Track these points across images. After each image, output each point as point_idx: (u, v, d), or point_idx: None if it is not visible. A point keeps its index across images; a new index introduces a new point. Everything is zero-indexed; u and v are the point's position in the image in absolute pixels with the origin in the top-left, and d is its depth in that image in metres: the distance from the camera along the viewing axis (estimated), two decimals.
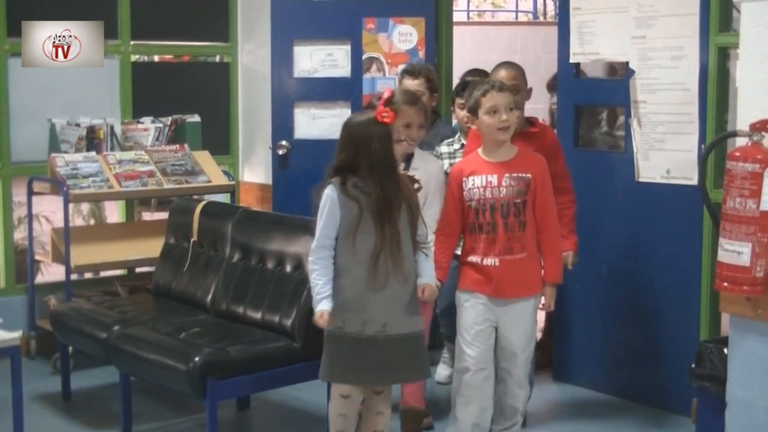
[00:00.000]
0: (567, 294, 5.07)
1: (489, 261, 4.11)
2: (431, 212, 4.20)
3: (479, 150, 4.21)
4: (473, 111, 4.14)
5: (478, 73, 5.41)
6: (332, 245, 3.79)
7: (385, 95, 4.20)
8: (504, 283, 4.11)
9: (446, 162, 4.80)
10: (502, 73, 4.56)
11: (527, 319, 4.18)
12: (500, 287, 4.11)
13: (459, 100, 5.05)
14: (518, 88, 4.52)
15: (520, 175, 4.11)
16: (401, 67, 5.29)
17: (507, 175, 4.10)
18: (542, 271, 4.23)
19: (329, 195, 3.76)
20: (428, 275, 3.91)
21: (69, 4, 5.96)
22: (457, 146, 4.91)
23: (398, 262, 3.73)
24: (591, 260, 4.97)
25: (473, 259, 4.15)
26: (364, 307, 3.74)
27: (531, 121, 4.66)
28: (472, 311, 4.15)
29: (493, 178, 4.10)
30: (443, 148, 4.92)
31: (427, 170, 4.29)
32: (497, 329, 4.16)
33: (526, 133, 4.50)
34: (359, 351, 3.74)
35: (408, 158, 4.24)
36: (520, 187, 4.10)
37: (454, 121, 5.47)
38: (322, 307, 3.76)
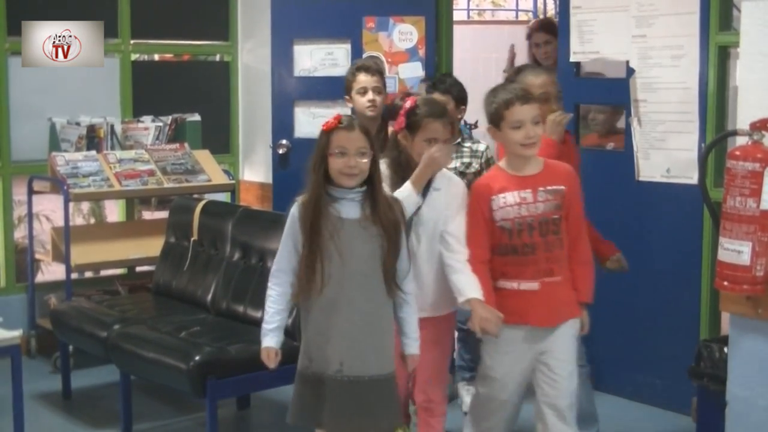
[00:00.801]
0: None
1: (527, 285, 3.61)
2: (455, 224, 3.69)
3: (502, 164, 3.75)
4: (494, 122, 3.66)
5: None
6: (291, 269, 3.37)
7: (407, 105, 3.72)
8: (546, 309, 3.63)
9: None
10: (530, 79, 4.20)
11: (571, 346, 3.73)
12: (543, 314, 3.63)
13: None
14: (547, 96, 4.16)
15: (555, 187, 3.64)
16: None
17: (541, 188, 3.63)
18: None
19: (291, 212, 3.36)
20: (412, 339, 3.45)
21: (69, 3, 5.96)
22: None
23: (350, 278, 3.27)
24: None
25: (506, 284, 3.64)
26: (325, 342, 3.30)
27: None
28: (509, 348, 3.63)
29: (527, 194, 3.61)
30: None
31: (449, 191, 3.75)
32: (538, 361, 3.67)
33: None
34: (320, 392, 3.32)
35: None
36: (557, 200, 3.63)
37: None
38: (268, 343, 3.41)
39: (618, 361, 5.14)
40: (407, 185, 3.65)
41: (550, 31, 5.91)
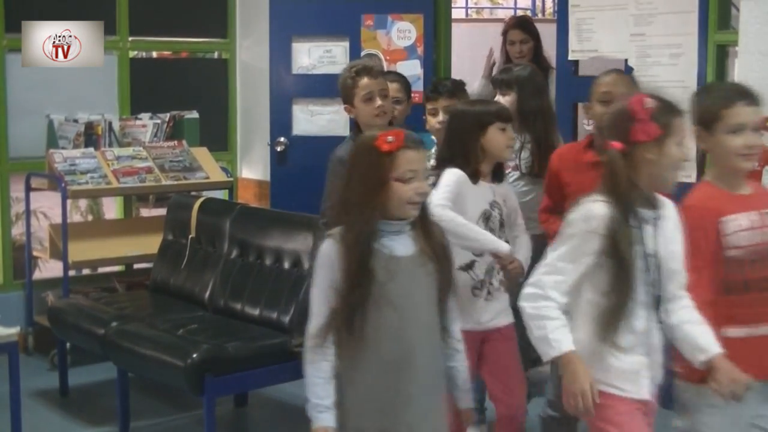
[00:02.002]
0: None
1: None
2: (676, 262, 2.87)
3: (711, 179, 3.05)
4: (706, 124, 2.98)
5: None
6: (335, 324, 2.73)
7: (650, 104, 2.79)
8: None
9: None
10: (600, 77, 3.75)
11: None
12: None
13: (429, 105, 4.33)
14: (610, 98, 3.60)
15: None
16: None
17: (765, 211, 3.01)
18: None
19: (326, 254, 2.71)
20: (467, 391, 2.91)
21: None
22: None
23: (412, 331, 2.70)
24: None
25: (737, 331, 2.91)
26: (384, 412, 2.72)
27: None
28: (727, 407, 2.88)
29: (756, 217, 2.97)
30: None
31: (670, 219, 2.87)
32: (754, 426, 3.01)
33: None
34: None
35: (651, 201, 2.84)
36: None
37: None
38: (325, 422, 2.71)
39: None
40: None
41: (527, 30, 5.73)
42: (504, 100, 4.40)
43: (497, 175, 3.64)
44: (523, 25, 5.84)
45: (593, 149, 3.69)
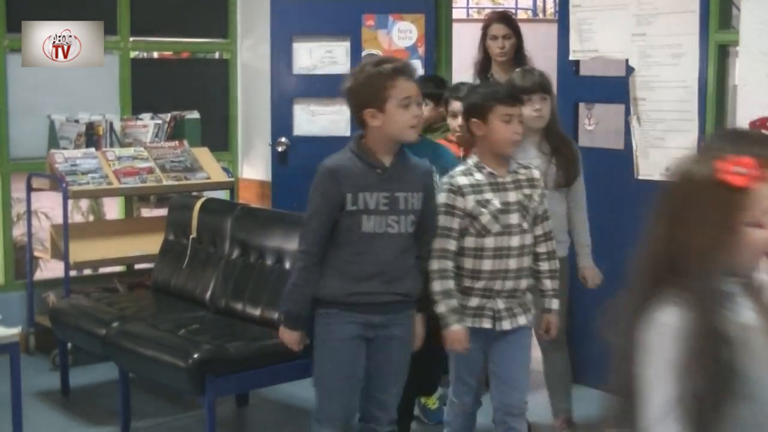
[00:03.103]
0: (571, 294, 5.06)
1: None
2: None
3: None
4: None
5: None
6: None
7: None
8: None
9: (470, 199, 3.51)
10: None
11: None
12: None
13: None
14: None
15: None
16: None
17: None
18: None
19: (676, 327, 1.95)
20: None
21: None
22: (480, 176, 3.55)
23: None
24: None
25: None
26: None
27: None
28: None
29: None
30: (461, 179, 3.55)
31: None
32: None
33: None
34: None
35: None
36: None
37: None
38: None
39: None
40: None
41: (510, 25, 5.38)
42: (544, 106, 4.13)
43: None
44: (506, 20, 5.48)
45: None
